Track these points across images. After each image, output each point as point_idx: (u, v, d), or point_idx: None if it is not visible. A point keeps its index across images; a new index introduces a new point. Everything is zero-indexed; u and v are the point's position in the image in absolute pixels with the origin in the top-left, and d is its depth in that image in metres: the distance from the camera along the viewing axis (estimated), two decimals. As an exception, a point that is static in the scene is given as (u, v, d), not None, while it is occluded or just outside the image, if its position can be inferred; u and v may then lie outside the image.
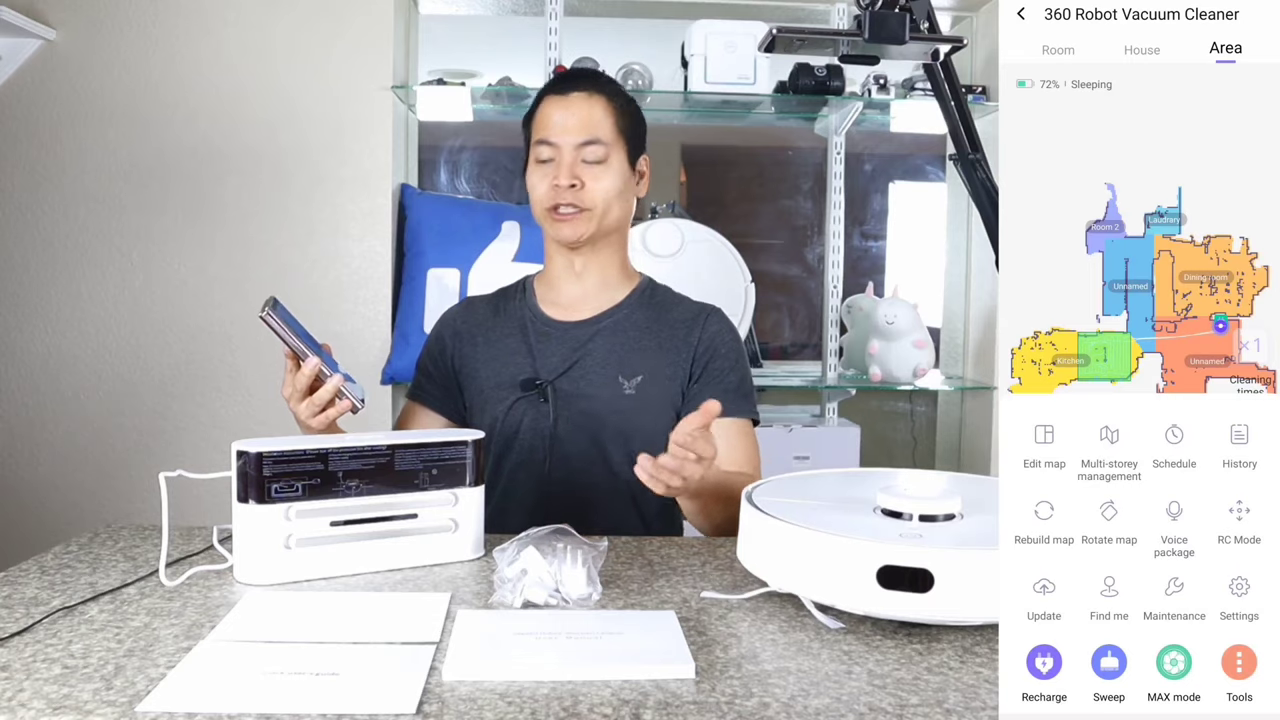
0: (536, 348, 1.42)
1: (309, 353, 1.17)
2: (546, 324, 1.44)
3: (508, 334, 1.45)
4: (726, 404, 1.38)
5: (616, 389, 1.39)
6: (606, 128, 1.37)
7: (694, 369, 1.41)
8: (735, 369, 1.42)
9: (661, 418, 1.39)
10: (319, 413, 1.19)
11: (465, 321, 1.49)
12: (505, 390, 1.41)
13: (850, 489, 1.08)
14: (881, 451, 2.93)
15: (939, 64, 1.10)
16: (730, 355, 1.43)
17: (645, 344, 1.42)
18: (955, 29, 2.73)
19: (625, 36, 2.88)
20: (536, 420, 1.39)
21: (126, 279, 2.29)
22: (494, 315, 1.48)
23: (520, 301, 1.48)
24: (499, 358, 1.43)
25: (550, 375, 1.40)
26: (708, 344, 1.42)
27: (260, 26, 2.29)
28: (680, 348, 1.42)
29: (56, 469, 2.29)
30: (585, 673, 0.77)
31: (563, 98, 1.38)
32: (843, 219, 2.58)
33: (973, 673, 0.80)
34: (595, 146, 1.36)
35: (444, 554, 1.09)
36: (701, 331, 1.43)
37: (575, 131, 1.36)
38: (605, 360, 1.40)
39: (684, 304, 1.48)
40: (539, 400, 1.39)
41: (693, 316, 1.45)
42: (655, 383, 1.40)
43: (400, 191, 2.42)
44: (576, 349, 1.41)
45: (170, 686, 0.74)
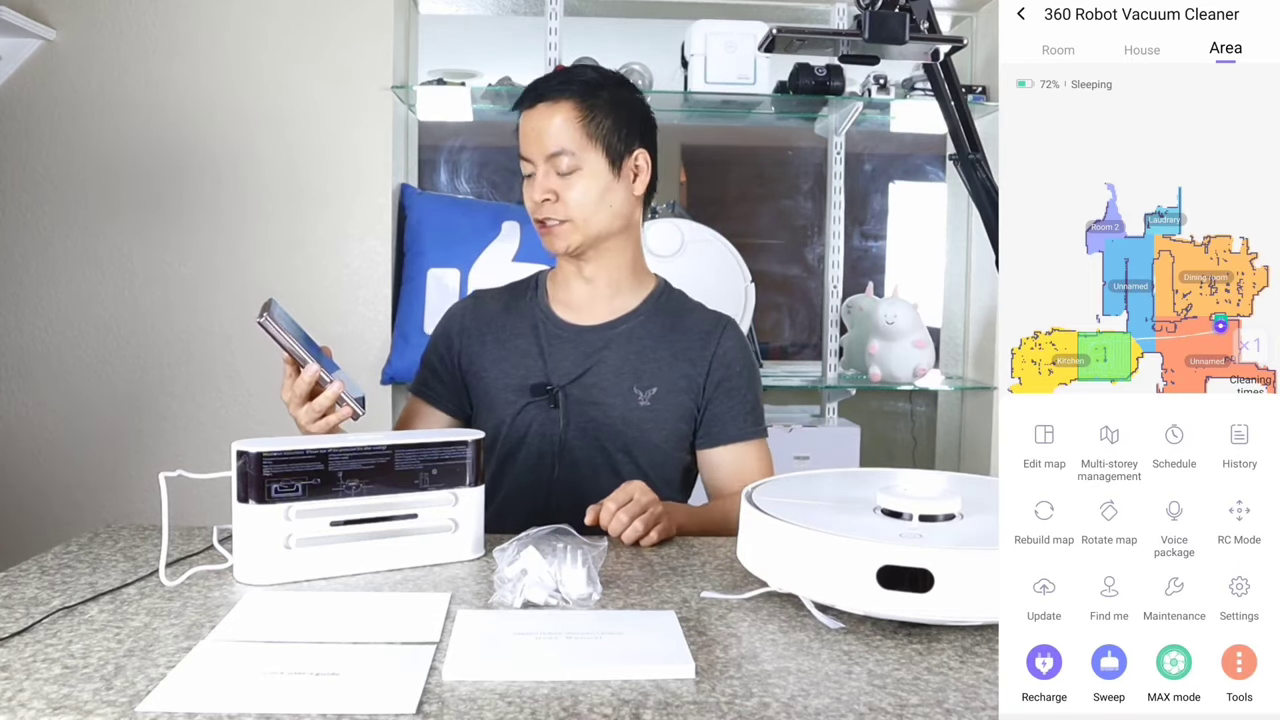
0: (548, 350, 1.40)
1: (308, 358, 1.16)
2: (559, 326, 1.42)
3: (518, 334, 1.43)
4: (741, 427, 1.40)
5: (631, 399, 1.37)
6: (571, 135, 1.33)
7: (708, 385, 1.40)
8: (750, 388, 1.42)
9: (673, 431, 1.39)
10: (319, 419, 1.18)
11: (474, 318, 1.46)
12: (514, 393, 1.39)
13: (850, 489, 1.08)
14: (881, 451, 2.93)
15: (939, 64, 1.10)
16: (745, 374, 1.42)
17: (660, 354, 1.40)
18: (955, 29, 2.73)
19: (625, 36, 2.88)
20: (545, 425, 1.38)
21: (126, 279, 2.29)
22: (504, 312, 1.46)
23: (532, 300, 1.46)
24: (509, 358, 1.41)
25: (562, 380, 1.38)
26: (723, 361, 1.40)
27: (260, 27, 2.29)
28: (696, 360, 1.40)
29: (56, 469, 2.29)
30: (585, 673, 0.77)
31: (530, 111, 1.35)
32: (843, 219, 2.58)
33: (973, 673, 0.80)
34: (562, 157, 1.33)
35: (444, 554, 1.09)
36: (717, 347, 1.41)
37: (541, 145, 1.33)
38: (620, 369, 1.39)
39: (699, 312, 1.46)
40: (549, 406, 1.38)
41: (709, 329, 1.43)
42: (670, 395, 1.38)
43: (400, 191, 2.42)
44: (590, 355, 1.39)
45: (170, 686, 0.74)
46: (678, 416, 1.39)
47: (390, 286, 2.35)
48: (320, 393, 1.18)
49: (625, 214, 1.38)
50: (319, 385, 1.17)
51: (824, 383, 2.60)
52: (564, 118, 1.33)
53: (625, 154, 1.36)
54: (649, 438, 1.37)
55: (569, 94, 1.34)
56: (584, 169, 1.33)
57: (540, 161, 1.34)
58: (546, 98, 1.35)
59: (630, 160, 1.37)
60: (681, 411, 1.39)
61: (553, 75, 1.42)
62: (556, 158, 1.33)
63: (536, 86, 1.38)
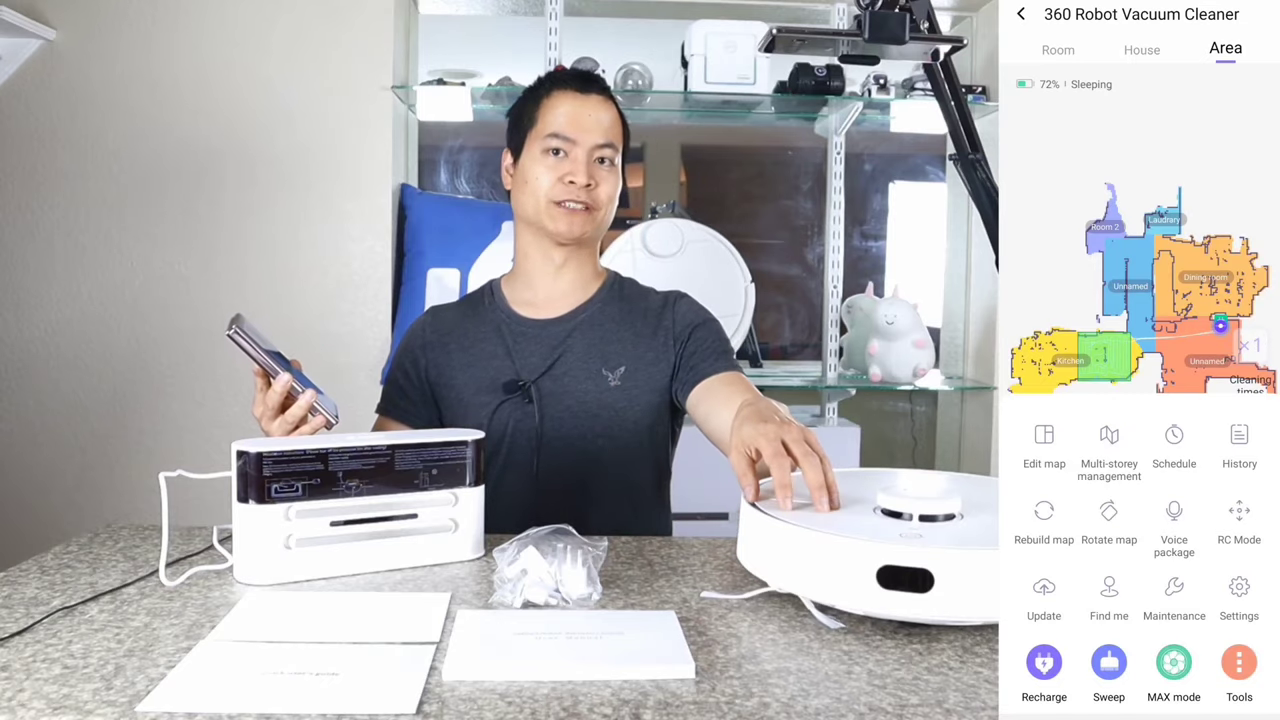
0: (515, 348, 1.42)
1: (279, 370, 1.15)
2: (522, 324, 1.44)
3: (482, 338, 1.45)
4: (714, 364, 1.41)
5: (601, 382, 1.39)
6: (617, 133, 1.42)
7: (677, 346, 1.43)
8: (714, 334, 1.45)
9: (648, 405, 1.41)
10: (292, 430, 1.16)
11: (435, 330, 1.48)
12: (487, 394, 1.40)
13: (850, 489, 1.08)
14: (881, 451, 2.93)
15: (939, 64, 1.10)
16: (707, 324, 1.46)
17: (622, 334, 1.43)
18: (955, 29, 2.73)
19: (625, 36, 2.88)
20: (522, 421, 1.39)
21: (126, 279, 2.29)
22: (464, 320, 1.48)
23: (490, 305, 1.48)
24: (477, 362, 1.43)
25: (532, 375, 1.40)
26: (683, 321, 1.45)
27: (260, 27, 2.29)
28: (657, 332, 1.44)
29: (56, 469, 2.30)
30: (585, 673, 0.77)
31: (584, 97, 1.40)
32: (843, 219, 2.58)
33: (973, 673, 0.80)
34: (609, 150, 1.40)
35: (444, 554, 1.09)
36: (673, 312, 1.45)
37: (595, 132, 1.38)
38: (586, 355, 1.41)
39: (651, 294, 1.50)
40: (523, 401, 1.39)
41: (661, 303, 1.48)
42: (640, 370, 1.41)
43: (400, 191, 2.42)
44: (556, 346, 1.41)
45: (170, 686, 0.74)
46: (649, 390, 1.41)
47: (390, 286, 2.35)
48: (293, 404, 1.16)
49: None
50: (290, 397, 1.16)
51: (824, 383, 2.60)
52: (613, 115, 1.42)
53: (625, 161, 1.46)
54: (624, 417, 1.39)
55: (612, 96, 1.44)
56: (616, 167, 1.42)
57: (586, 146, 1.38)
58: (597, 90, 1.42)
59: None
60: (652, 384, 1.41)
61: (589, 73, 1.47)
62: (604, 148, 1.39)
63: (583, 76, 1.44)
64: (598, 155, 1.38)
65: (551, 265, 1.44)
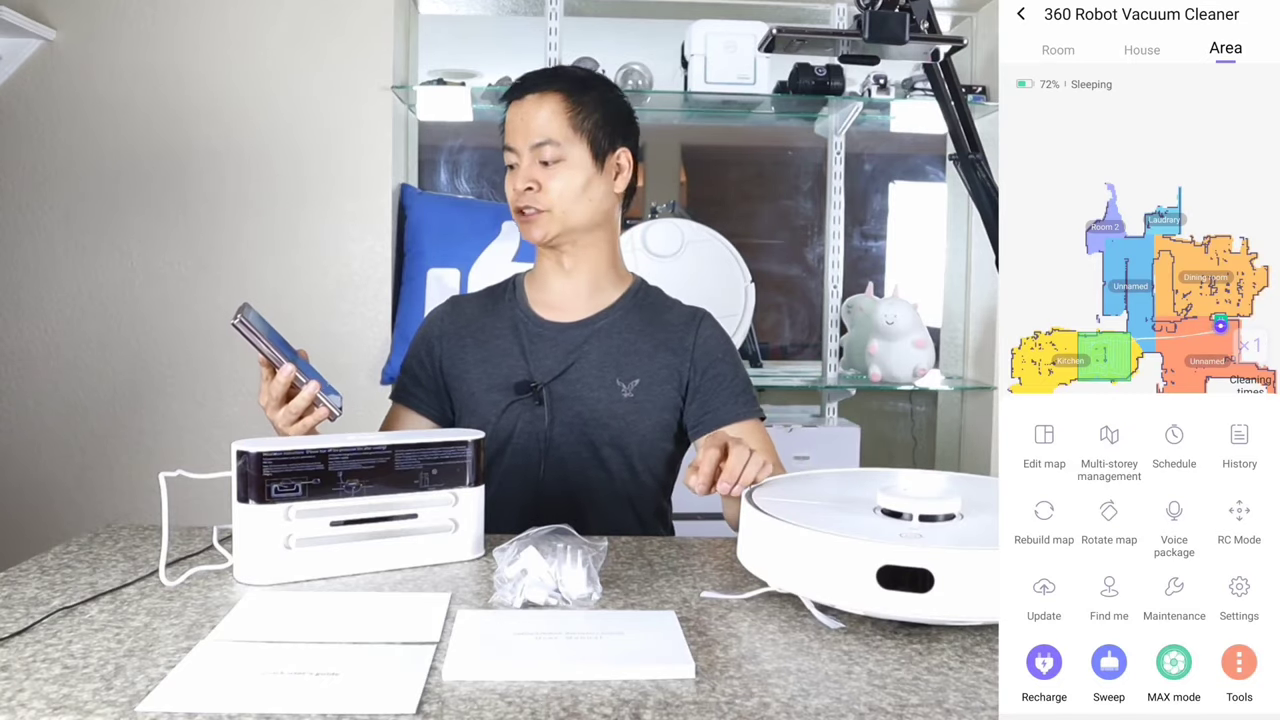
0: (530, 349, 1.41)
1: (283, 359, 1.15)
2: (539, 325, 1.43)
3: (499, 334, 1.43)
4: (734, 409, 1.39)
5: (614, 392, 1.38)
6: (559, 126, 1.35)
7: (693, 374, 1.40)
8: (735, 373, 1.42)
9: (658, 421, 1.39)
10: (296, 420, 1.16)
11: (453, 322, 1.47)
12: (498, 393, 1.39)
13: (850, 489, 1.08)
14: (881, 451, 2.93)
15: (939, 64, 1.10)
16: (728, 359, 1.43)
17: (640, 346, 1.41)
18: (955, 29, 2.73)
19: (625, 36, 2.88)
20: (531, 423, 1.38)
21: (127, 278, 2.29)
22: (483, 314, 1.46)
23: (510, 301, 1.47)
24: (490, 359, 1.42)
25: (545, 378, 1.39)
26: (704, 349, 1.42)
27: (260, 27, 2.29)
28: (676, 350, 1.41)
29: (56, 469, 2.29)
30: (585, 673, 0.77)
31: (518, 102, 1.38)
32: (843, 219, 2.58)
33: (973, 673, 0.80)
34: (548, 147, 1.34)
35: (444, 554, 1.09)
36: (696, 336, 1.42)
37: (527, 134, 1.35)
38: (601, 363, 1.39)
39: (676, 307, 1.47)
40: (534, 403, 1.38)
41: (686, 320, 1.44)
42: (653, 385, 1.39)
43: (400, 191, 2.42)
44: (571, 351, 1.40)
45: (170, 686, 0.74)
46: (661, 406, 1.40)
47: (390, 286, 2.35)
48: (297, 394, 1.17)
49: (605, 210, 1.40)
50: (295, 386, 1.16)
51: (824, 383, 2.60)
52: (551, 109, 1.36)
53: (609, 150, 1.39)
54: (634, 429, 1.38)
55: (557, 87, 1.37)
56: (567, 160, 1.35)
57: (525, 151, 1.36)
58: (535, 89, 1.37)
59: (614, 157, 1.39)
60: (665, 401, 1.40)
61: (542, 70, 1.44)
62: (541, 147, 1.35)
63: (525, 80, 1.40)
64: (539, 156, 1.35)
65: (560, 267, 1.43)
